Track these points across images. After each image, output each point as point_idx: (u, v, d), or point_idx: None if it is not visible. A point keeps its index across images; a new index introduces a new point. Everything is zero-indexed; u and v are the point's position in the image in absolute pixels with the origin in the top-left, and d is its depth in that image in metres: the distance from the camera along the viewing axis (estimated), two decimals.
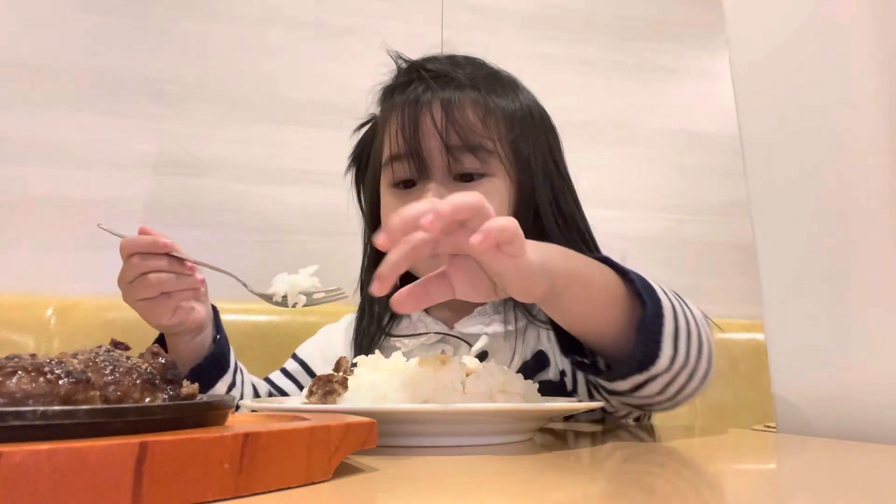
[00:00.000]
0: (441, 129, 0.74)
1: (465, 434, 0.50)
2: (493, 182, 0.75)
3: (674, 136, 1.51)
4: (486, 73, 0.81)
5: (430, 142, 0.74)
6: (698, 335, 0.59)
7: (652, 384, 0.57)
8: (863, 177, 0.59)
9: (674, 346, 0.56)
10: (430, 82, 0.76)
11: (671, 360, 0.56)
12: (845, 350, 0.60)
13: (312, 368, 0.88)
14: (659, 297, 0.56)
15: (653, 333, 0.54)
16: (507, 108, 0.78)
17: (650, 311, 0.54)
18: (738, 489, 0.37)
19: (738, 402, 1.26)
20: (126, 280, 0.70)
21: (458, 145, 0.74)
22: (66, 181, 1.18)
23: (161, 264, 0.70)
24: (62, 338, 1.04)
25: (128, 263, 0.70)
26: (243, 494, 0.29)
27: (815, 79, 0.63)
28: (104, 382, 0.32)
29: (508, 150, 0.76)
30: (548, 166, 0.80)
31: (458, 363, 0.54)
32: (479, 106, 0.76)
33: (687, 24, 1.54)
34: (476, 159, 0.74)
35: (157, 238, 0.70)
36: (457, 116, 0.74)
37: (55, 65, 1.20)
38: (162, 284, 0.70)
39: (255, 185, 1.26)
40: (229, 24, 1.29)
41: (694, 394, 0.62)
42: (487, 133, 0.75)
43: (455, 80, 0.77)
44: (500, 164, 0.76)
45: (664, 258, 1.45)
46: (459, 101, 0.75)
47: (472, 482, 0.36)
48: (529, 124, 0.79)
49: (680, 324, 0.56)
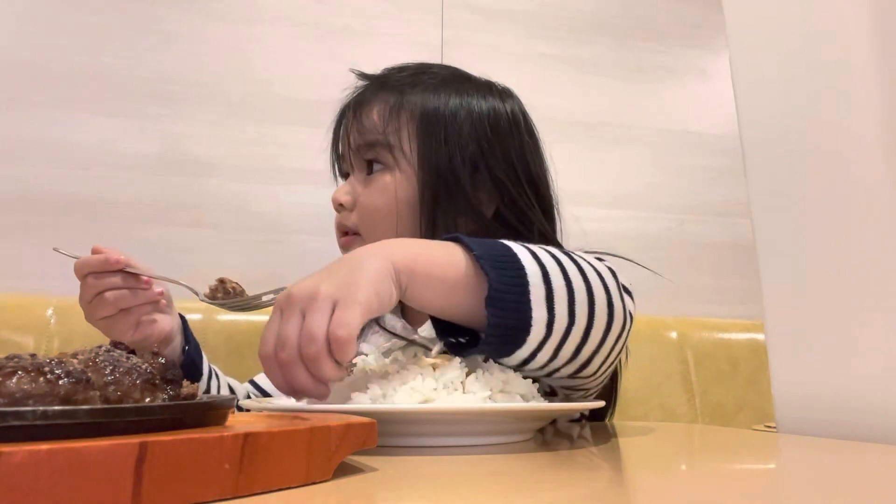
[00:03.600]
0: (348, 130, 0.83)
1: (465, 434, 0.50)
2: (386, 176, 0.80)
3: (674, 136, 1.51)
4: (419, 73, 0.84)
5: (343, 143, 0.84)
6: (587, 291, 0.56)
7: (540, 355, 0.55)
8: (863, 177, 0.59)
9: (547, 308, 0.53)
10: (360, 87, 0.85)
11: (546, 324, 0.53)
12: (845, 350, 0.60)
13: None
14: (521, 265, 0.53)
15: (513, 303, 0.52)
16: (424, 103, 0.81)
17: (500, 281, 0.52)
18: (738, 489, 0.37)
19: (738, 402, 1.26)
20: (85, 300, 0.72)
21: (359, 144, 0.82)
22: (66, 181, 1.18)
23: (116, 281, 0.71)
24: (62, 338, 1.04)
25: (84, 284, 0.71)
26: (243, 494, 0.29)
27: (815, 79, 0.63)
28: (104, 382, 0.32)
29: (413, 144, 0.80)
30: (486, 158, 0.80)
31: (458, 363, 0.54)
32: (388, 104, 0.81)
33: (687, 24, 1.54)
34: (371, 153, 0.81)
35: (108, 255, 0.71)
36: (363, 116, 0.82)
37: (55, 65, 1.20)
38: (119, 301, 0.71)
39: (255, 185, 1.26)
40: (229, 24, 1.29)
41: (601, 351, 0.59)
42: (384, 128, 0.80)
43: (377, 83, 0.84)
44: (394, 158, 0.80)
45: (664, 258, 1.45)
46: (369, 102, 0.82)
47: (472, 482, 0.36)
48: (451, 118, 0.80)
49: (555, 285, 0.54)
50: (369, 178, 0.81)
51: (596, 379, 0.64)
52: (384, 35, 1.36)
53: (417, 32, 1.37)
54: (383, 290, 0.50)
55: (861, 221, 0.59)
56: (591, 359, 0.59)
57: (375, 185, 0.80)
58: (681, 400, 1.25)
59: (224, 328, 0.83)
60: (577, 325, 0.55)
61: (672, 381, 1.26)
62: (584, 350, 0.57)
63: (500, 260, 0.53)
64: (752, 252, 0.69)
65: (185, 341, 0.81)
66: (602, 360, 0.61)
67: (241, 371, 1.02)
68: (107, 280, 0.70)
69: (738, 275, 1.43)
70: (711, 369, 1.27)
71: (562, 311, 0.54)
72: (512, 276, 0.52)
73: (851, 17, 0.60)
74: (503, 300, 0.52)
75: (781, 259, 0.66)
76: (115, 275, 0.71)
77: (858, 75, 0.59)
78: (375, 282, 0.50)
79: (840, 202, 0.61)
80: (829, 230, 0.62)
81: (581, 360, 0.58)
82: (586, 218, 1.37)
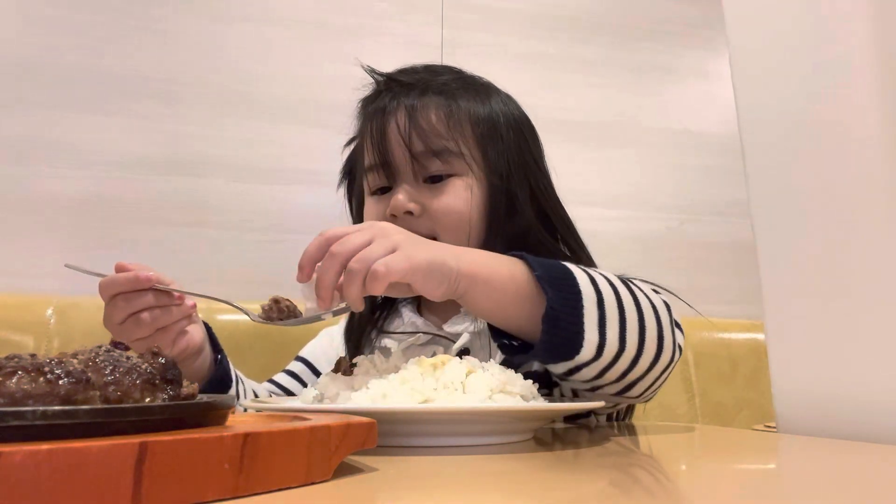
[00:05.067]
0: (405, 136, 0.77)
1: (465, 434, 0.50)
2: (459, 182, 0.78)
3: (674, 136, 1.51)
4: (453, 77, 0.83)
5: (395, 150, 0.78)
6: (639, 321, 0.60)
7: (585, 370, 0.59)
8: (863, 176, 0.59)
9: (599, 333, 0.57)
10: (397, 91, 0.79)
11: (597, 347, 0.57)
12: (845, 350, 0.60)
13: (318, 368, 0.89)
14: (579, 289, 0.58)
15: (566, 323, 0.57)
16: (474, 109, 0.80)
17: (557, 302, 0.56)
18: (738, 489, 0.37)
19: (738, 402, 1.26)
20: (115, 322, 0.66)
21: (422, 150, 0.77)
22: (66, 181, 1.18)
23: (149, 300, 0.66)
24: (62, 338, 1.04)
25: (112, 305, 0.66)
26: (243, 494, 0.29)
27: (815, 79, 0.63)
28: (104, 382, 0.32)
29: (476, 151, 0.79)
30: (525, 165, 0.82)
31: (458, 363, 0.54)
32: (443, 109, 0.78)
33: (687, 24, 1.54)
34: (440, 162, 0.77)
35: (137, 273, 0.65)
36: (420, 122, 0.77)
37: (55, 65, 1.20)
38: (156, 321, 0.67)
39: (255, 185, 1.26)
40: (229, 23, 1.29)
41: (646, 378, 0.63)
42: (451, 135, 0.78)
43: (420, 87, 0.80)
44: (467, 165, 0.78)
45: (664, 258, 1.45)
46: (423, 107, 0.78)
47: (472, 482, 0.36)
48: (500, 125, 0.81)
49: (608, 311, 0.58)
50: (436, 186, 0.77)
51: (639, 400, 0.68)
52: (384, 35, 1.36)
53: (417, 32, 1.37)
54: (434, 277, 0.56)
55: (861, 221, 0.59)
56: (635, 384, 0.63)
57: (449, 190, 0.77)
58: (681, 400, 1.25)
59: (224, 327, 0.83)
60: (627, 351, 0.59)
61: (672, 381, 1.25)
62: (630, 375, 0.61)
63: (558, 283, 0.58)
64: (752, 252, 0.69)
65: (215, 350, 0.78)
66: (646, 387, 0.65)
67: (241, 370, 1.02)
68: (140, 300, 0.65)
69: (738, 275, 1.43)
70: (711, 369, 1.27)
71: (612, 336, 0.58)
72: (568, 298, 0.57)
73: (851, 16, 0.60)
74: (558, 318, 0.56)
75: (781, 259, 0.66)
76: (146, 293, 0.66)
77: (858, 75, 0.59)
78: (435, 267, 0.56)
79: (840, 202, 0.61)
80: (829, 230, 0.62)
81: (626, 384, 0.62)
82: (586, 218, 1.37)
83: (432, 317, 0.84)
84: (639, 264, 0.60)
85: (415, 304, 0.87)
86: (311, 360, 0.90)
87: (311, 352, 0.92)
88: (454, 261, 0.57)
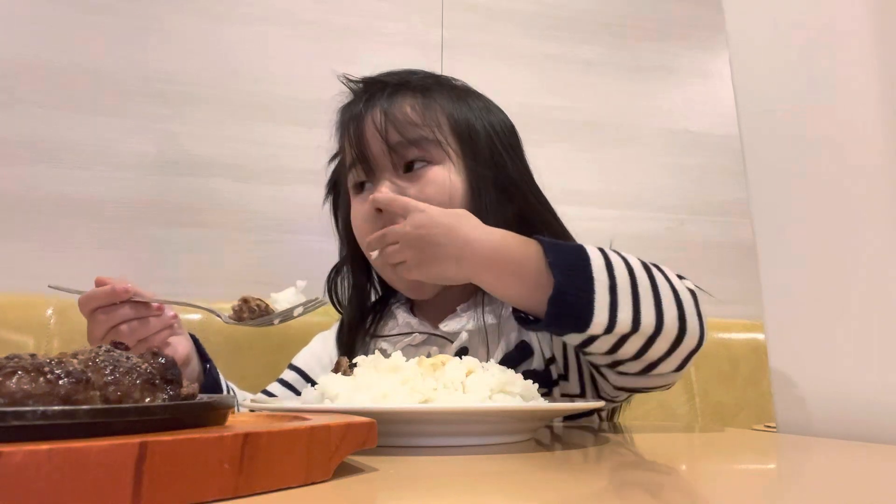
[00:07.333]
0: (381, 129, 0.78)
1: (465, 434, 0.50)
2: (437, 169, 0.79)
3: (674, 136, 1.51)
4: (428, 76, 0.85)
5: (373, 143, 0.79)
6: (655, 301, 0.61)
7: (598, 342, 0.61)
8: (863, 177, 0.59)
9: (610, 312, 0.59)
10: (373, 91, 0.81)
11: (607, 325, 0.59)
12: (845, 350, 0.60)
13: (311, 376, 0.88)
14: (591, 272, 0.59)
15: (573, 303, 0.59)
16: (449, 103, 0.82)
17: (565, 284, 0.58)
18: (738, 489, 0.37)
19: (738, 402, 1.26)
20: (96, 336, 0.67)
21: (399, 140, 0.78)
22: (66, 181, 1.18)
23: (127, 313, 0.67)
24: (62, 338, 1.03)
25: (92, 319, 0.67)
26: (243, 494, 0.29)
27: (814, 79, 0.63)
28: (104, 382, 0.32)
29: (452, 139, 0.80)
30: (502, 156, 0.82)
31: (457, 363, 0.54)
32: (418, 101, 0.80)
33: (687, 24, 1.54)
34: (417, 149, 0.79)
35: (114, 286, 0.67)
36: (395, 114, 0.79)
37: (55, 65, 1.20)
38: (135, 333, 0.68)
39: (255, 185, 1.26)
40: (229, 23, 1.29)
41: (669, 358, 0.63)
42: (426, 123, 0.79)
43: (394, 85, 0.81)
44: (444, 153, 0.79)
45: (664, 258, 1.44)
46: (398, 101, 0.80)
47: (472, 482, 0.36)
48: (475, 119, 0.82)
49: (619, 292, 0.59)
50: (415, 174, 0.78)
51: (665, 380, 0.69)
52: (384, 35, 1.36)
53: (417, 32, 1.37)
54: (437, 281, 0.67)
55: (861, 222, 0.59)
56: (658, 363, 0.64)
57: (427, 179, 0.78)
58: (681, 400, 1.25)
59: (224, 328, 0.83)
60: (640, 331, 0.60)
61: None
62: (650, 353, 0.62)
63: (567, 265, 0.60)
64: (752, 252, 0.69)
65: (203, 360, 0.78)
66: (672, 368, 0.65)
67: (242, 371, 1.02)
68: (118, 313, 0.67)
69: (738, 275, 1.43)
70: (711, 369, 1.27)
71: (624, 315, 0.59)
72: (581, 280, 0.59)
73: (851, 17, 0.60)
74: (565, 301, 0.59)
75: (781, 259, 0.66)
76: (123, 306, 0.67)
77: (858, 76, 0.59)
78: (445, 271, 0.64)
79: (840, 202, 0.61)
80: (829, 230, 0.62)
81: (647, 362, 0.63)
82: (586, 218, 1.37)
83: (427, 316, 0.84)
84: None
85: (408, 304, 0.87)
86: (305, 369, 0.89)
87: (304, 360, 0.91)
88: (456, 266, 0.63)
